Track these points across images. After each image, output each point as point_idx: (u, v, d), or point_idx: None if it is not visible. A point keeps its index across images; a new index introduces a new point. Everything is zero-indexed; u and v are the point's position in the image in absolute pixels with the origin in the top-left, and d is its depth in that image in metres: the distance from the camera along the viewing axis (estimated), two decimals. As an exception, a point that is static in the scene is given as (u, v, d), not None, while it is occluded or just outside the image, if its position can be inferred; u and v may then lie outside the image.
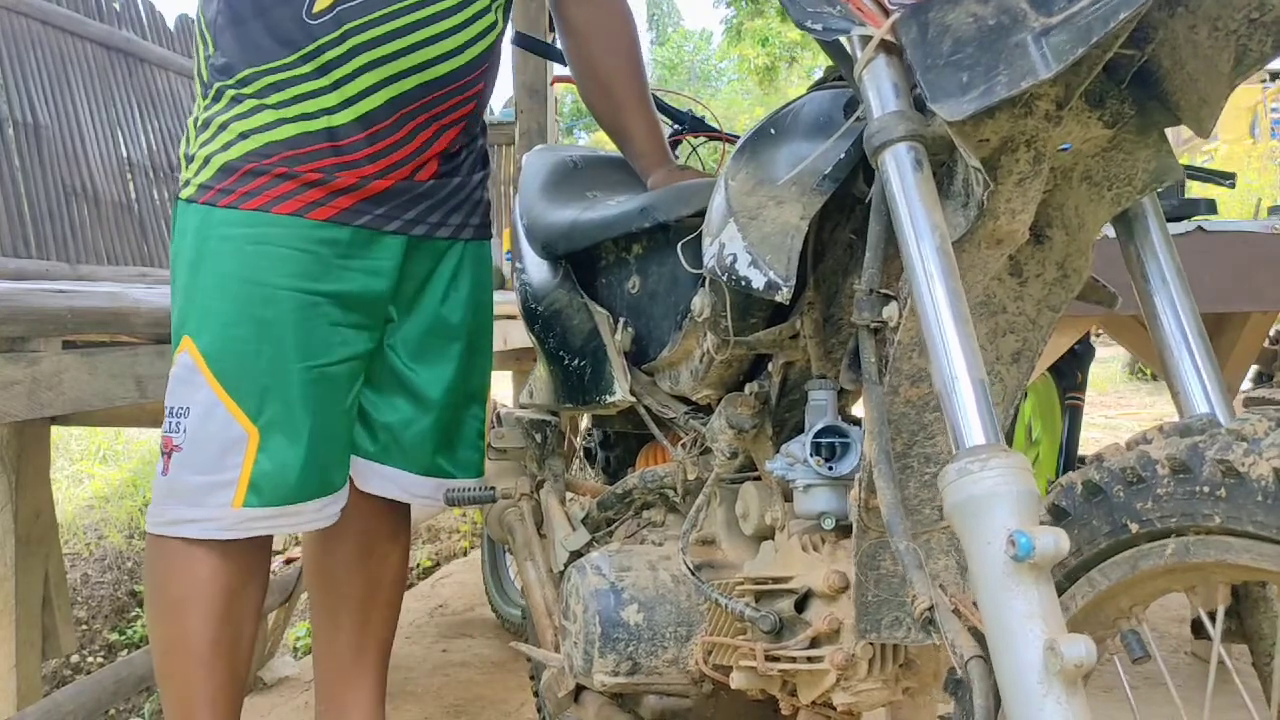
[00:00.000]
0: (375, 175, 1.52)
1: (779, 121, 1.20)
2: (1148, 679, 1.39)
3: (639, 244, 1.58)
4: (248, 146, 1.48)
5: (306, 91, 1.48)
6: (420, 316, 1.65)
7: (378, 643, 1.78)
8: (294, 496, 1.50)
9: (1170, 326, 1.00)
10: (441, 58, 1.52)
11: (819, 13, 0.97)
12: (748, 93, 28.59)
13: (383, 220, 1.55)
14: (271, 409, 1.48)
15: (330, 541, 1.72)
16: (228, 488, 1.47)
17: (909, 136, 0.93)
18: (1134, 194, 1.01)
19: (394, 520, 1.76)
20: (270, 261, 1.47)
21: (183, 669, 1.52)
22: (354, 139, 1.50)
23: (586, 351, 1.61)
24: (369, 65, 1.48)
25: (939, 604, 0.90)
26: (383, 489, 1.68)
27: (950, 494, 0.84)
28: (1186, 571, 0.81)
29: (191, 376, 1.47)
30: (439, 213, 1.62)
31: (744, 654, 1.25)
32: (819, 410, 1.23)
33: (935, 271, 0.88)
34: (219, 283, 1.47)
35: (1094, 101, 0.96)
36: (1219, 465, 0.76)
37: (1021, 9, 0.86)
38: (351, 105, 1.49)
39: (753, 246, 1.09)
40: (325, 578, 1.75)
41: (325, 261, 1.50)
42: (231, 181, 1.48)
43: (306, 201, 1.49)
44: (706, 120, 2.36)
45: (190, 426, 1.47)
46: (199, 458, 1.47)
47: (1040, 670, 0.77)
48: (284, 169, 1.48)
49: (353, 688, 1.74)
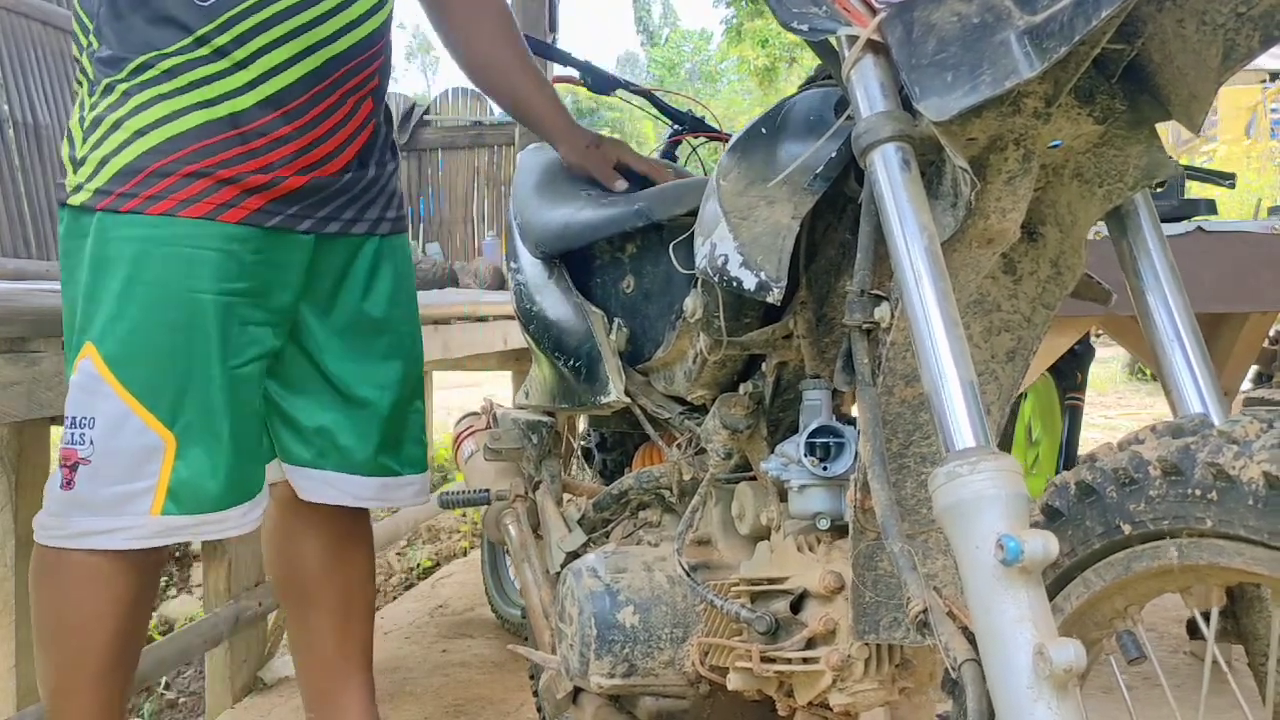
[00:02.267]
0: (283, 161, 1.47)
1: (770, 121, 1.20)
2: (1145, 679, 1.38)
3: (633, 244, 1.57)
4: (146, 145, 1.42)
5: (205, 76, 1.43)
6: (340, 314, 1.61)
7: (361, 643, 1.77)
8: (216, 504, 1.47)
9: (1163, 324, 0.99)
10: (345, 29, 1.49)
11: (804, 13, 0.96)
12: (748, 93, 28.60)
13: (295, 220, 1.51)
14: (188, 415, 1.44)
15: (295, 558, 1.70)
16: (145, 496, 1.42)
17: (896, 137, 0.92)
18: (1126, 190, 1.00)
19: (353, 523, 1.73)
20: (181, 265, 1.42)
21: (88, 684, 1.48)
22: (262, 122, 1.45)
23: (581, 352, 1.60)
24: (275, 43, 1.43)
25: (933, 606, 0.89)
26: (325, 495, 1.64)
27: (940, 497, 0.83)
28: (1180, 573, 0.81)
29: (96, 385, 1.41)
30: (353, 209, 1.59)
31: (740, 655, 1.24)
32: (813, 410, 1.22)
33: (924, 272, 0.88)
34: (123, 288, 1.41)
35: (1084, 97, 0.95)
36: (1210, 468, 0.75)
37: (1005, 7, 0.86)
38: (257, 87, 1.44)
39: (744, 247, 1.08)
40: (296, 592, 1.73)
41: (239, 260, 1.46)
42: (132, 185, 1.41)
43: (216, 204, 1.43)
44: (706, 120, 2.35)
45: (98, 437, 1.41)
46: (111, 469, 1.41)
47: (1030, 675, 0.76)
48: (190, 167, 1.42)
49: (344, 690, 1.73)
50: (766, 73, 18.47)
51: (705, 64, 35.04)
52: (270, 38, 1.43)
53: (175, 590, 4.22)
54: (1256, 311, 2.24)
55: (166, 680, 3.32)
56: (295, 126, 1.48)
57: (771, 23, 17.14)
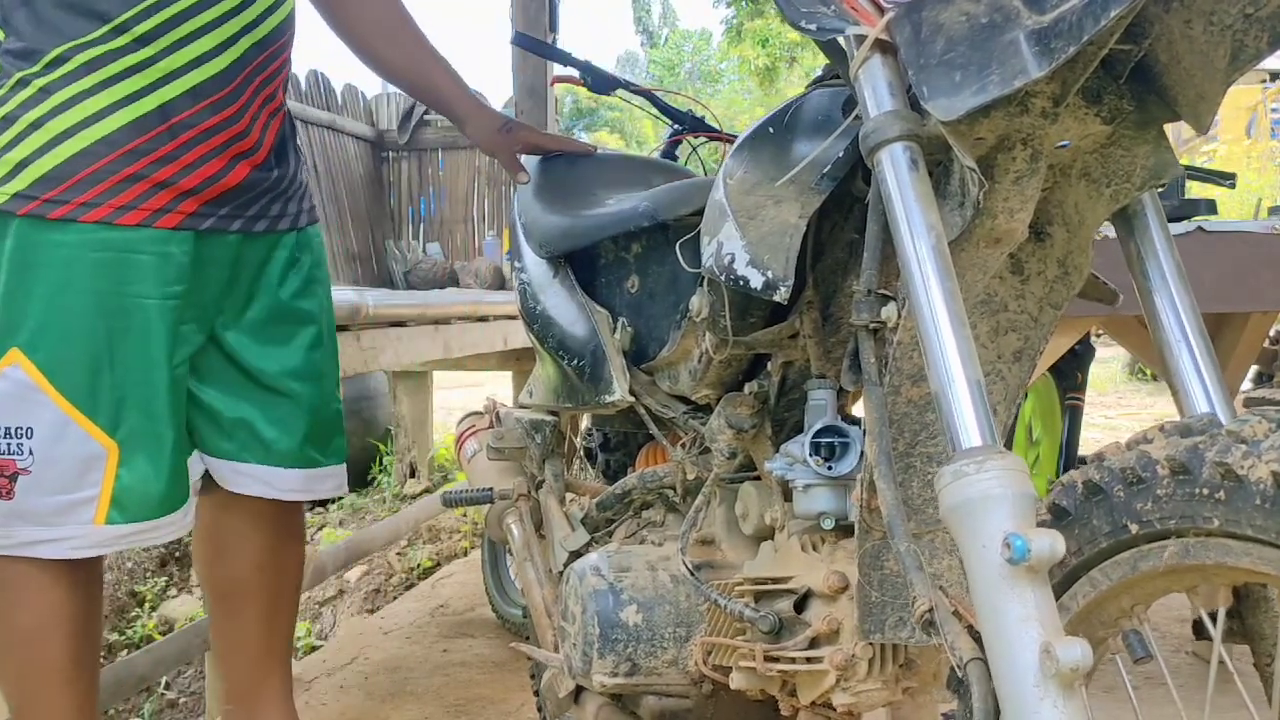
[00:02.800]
0: (214, 152, 1.45)
1: (777, 120, 1.20)
2: (1149, 679, 1.38)
3: (638, 243, 1.57)
4: (73, 148, 1.36)
5: (129, 66, 1.37)
6: (260, 306, 1.59)
7: (283, 636, 1.75)
8: (159, 509, 1.46)
9: (1170, 325, 0.99)
10: (266, 13, 1.47)
11: (813, 12, 0.96)
12: (748, 93, 28.61)
13: (226, 221, 1.49)
14: (130, 421, 1.42)
15: (229, 557, 1.68)
16: (88, 505, 1.41)
17: (904, 136, 0.92)
18: (1133, 190, 1.00)
19: (287, 519, 1.71)
20: (119, 270, 1.40)
21: (47, 691, 1.47)
22: (190, 113, 1.42)
23: (586, 351, 1.60)
24: (200, 30, 1.40)
25: (939, 605, 0.90)
26: (249, 488, 1.62)
27: (946, 496, 0.83)
28: (1187, 572, 0.81)
29: (29, 394, 1.38)
30: (277, 204, 1.57)
31: (743, 654, 1.24)
32: (818, 410, 1.23)
33: (931, 271, 0.88)
34: (55, 295, 1.38)
35: (1091, 98, 0.95)
36: (1218, 468, 0.75)
37: (1014, 7, 0.86)
38: (183, 75, 1.40)
39: (751, 246, 1.08)
40: (227, 589, 1.70)
41: (176, 262, 1.44)
42: (60, 191, 1.36)
43: (151, 210, 1.40)
44: (706, 120, 2.35)
45: (38, 447, 1.39)
46: (52, 478, 1.39)
47: (1036, 673, 0.76)
48: (125, 170, 1.38)
49: (264, 683, 1.72)
50: (766, 73, 18.49)
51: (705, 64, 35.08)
52: (195, 25, 1.40)
53: (175, 590, 4.22)
54: (1257, 311, 2.24)
55: (166, 680, 3.33)
56: (223, 116, 1.45)
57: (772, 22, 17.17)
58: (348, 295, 2.26)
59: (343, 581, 4.13)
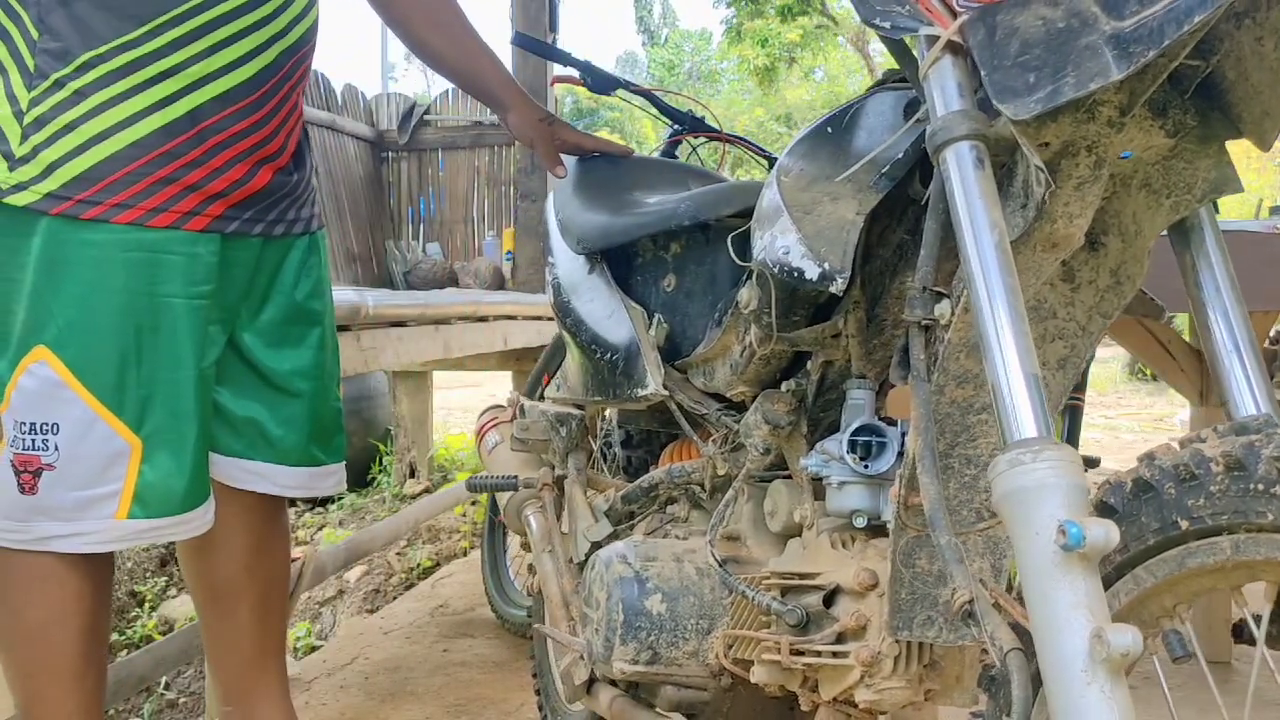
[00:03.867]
0: (240, 157, 1.47)
1: (837, 121, 1.22)
2: (1188, 679, 1.39)
3: (677, 242, 1.59)
4: (106, 150, 1.38)
5: (162, 71, 1.39)
6: (275, 307, 1.61)
7: (277, 634, 1.76)
8: (181, 506, 1.47)
9: (1222, 336, 1.01)
10: (295, 20, 1.49)
11: (888, 11, 0.98)
12: (748, 93, 28.69)
13: (250, 224, 1.51)
14: (154, 419, 1.44)
15: (220, 555, 1.68)
16: (110, 500, 1.42)
17: (971, 135, 0.93)
18: (1193, 203, 1.02)
19: (274, 515, 1.72)
20: (149, 270, 1.41)
21: (55, 688, 1.47)
22: (218, 118, 1.44)
23: (620, 345, 1.62)
24: (234, 37, 1.42)
25: (979, 597, 0.91)
26: (254, 484, 1.63)
27: (1000, 484, 0.84)
28: (1235, 570, 0.82)
29: (56, 391, 1.39)
30: (294, 209, 1.60)
31: (768, 647, 1.25)
32: (856, 409, 1.24)
33: (993, 265, 0.89)
34: (85, 294, 1.39)
35: (1157, 110, 0.97)
36: (1274, 463, 0.77)
37: (1092, 12, 0.88)
38: (214, 81, 1.42)
39: (806, 239, 1.10)
40: (218, 588, 1.70)
41: (204, 263, 1.46)
42: (93, 192, 1.38)
43: (182, 212, 1.42)
44: (706, 120, 2.37)
45: (63, 444, 1.39)
46: (76, 474, 1.41)
47: (1085, 659, 0.77)
48: (157, 174, 1.40)
49: (260, 682, 1.72)
50: (766, 73, 18.54)
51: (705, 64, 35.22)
52: (228, 32, 1.42)
53: (175, 590, 4.21)
54: (1257, 311, 2.25)
55: (166, 680, 3.31)
56: (251, 122, 1.47)
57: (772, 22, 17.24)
58: (348, 295, 2.27)
59: (343, 581, 4.12)
